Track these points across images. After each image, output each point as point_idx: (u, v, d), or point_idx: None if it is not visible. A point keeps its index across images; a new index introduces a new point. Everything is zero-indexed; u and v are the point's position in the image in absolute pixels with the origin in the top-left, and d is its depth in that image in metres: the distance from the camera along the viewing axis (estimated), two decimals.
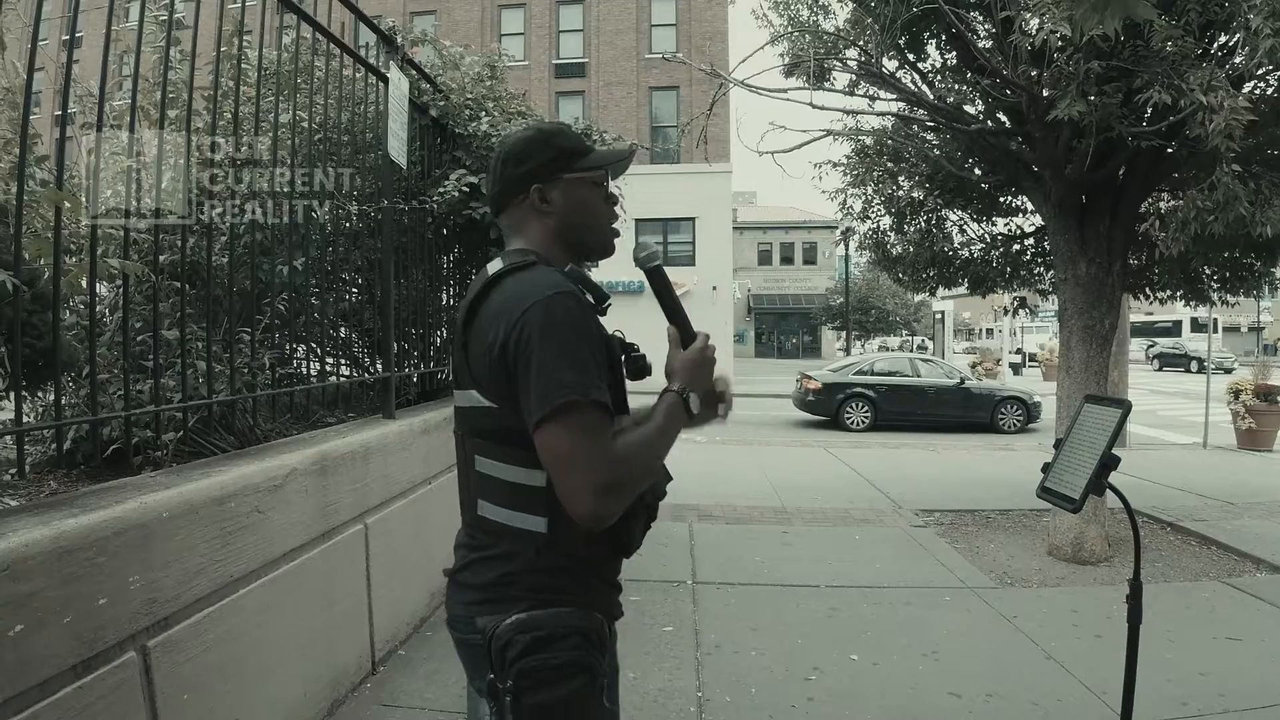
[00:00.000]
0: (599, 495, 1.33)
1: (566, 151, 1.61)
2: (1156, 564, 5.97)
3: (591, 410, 1.36)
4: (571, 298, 1.43)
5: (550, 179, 1.59)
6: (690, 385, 1.53)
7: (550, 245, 1.60)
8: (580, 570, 1.51)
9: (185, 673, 2.36)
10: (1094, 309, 5.97)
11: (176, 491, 2.39)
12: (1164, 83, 4.46)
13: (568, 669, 1.43)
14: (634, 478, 1.41)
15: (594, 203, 1.63)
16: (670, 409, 1.50)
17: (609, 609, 1.57)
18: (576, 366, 1.37)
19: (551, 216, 1.60)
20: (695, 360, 1.57)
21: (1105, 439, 2.51)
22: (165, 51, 2.90)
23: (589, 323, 1.44)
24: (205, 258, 3.22)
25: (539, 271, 1.49)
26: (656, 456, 1.47)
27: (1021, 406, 15.76)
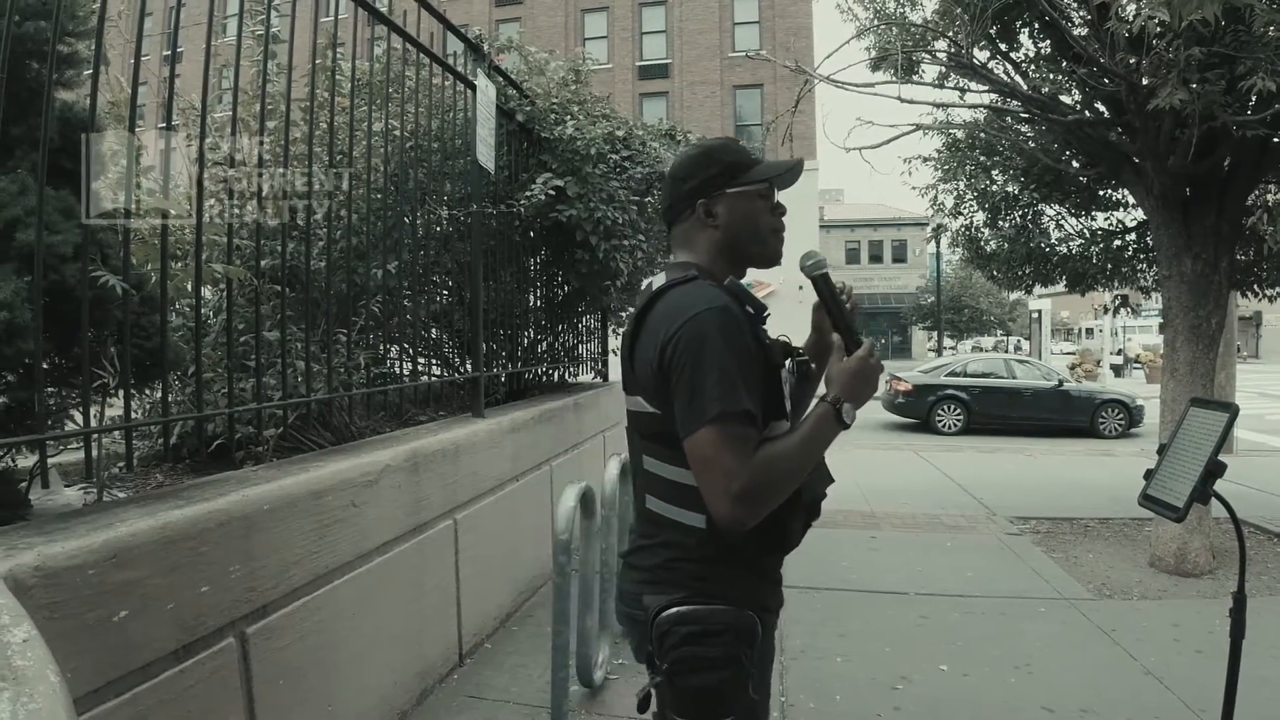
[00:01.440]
0: (735, 501, 1.43)
1: (730, 166, 1.68)
2: (1263, 576, 5.64)
3: (734, 421, 1.45)
4: (723, 313, 1.50)
5: (714, 194, 1.66)
6: (845, 396, 1.54)
7: (715, 257, 1.68)
8: (736, 565, 1.59)
9: (281, 659, 2.45)
10: (1200, 307, 5.68)
11: (276, 485, 2.49)
12: (1268, 69, 4.22)
13: (719, 662, 1.54)
14: (772, 486, 1.47)
15: (758, 214, 1.68)
16: (820, 419, 1.53)
17: (764, 603, 1.65)
18: (723, 379, 1.45)
19: (716, 230, 1.67)
20: (854, 370, 1.57)
21: (1211, 444, 2.39)
22: (263, 65, 3.02)
23: (739, 335, 1.50)
24: (304, 262, 3.35)
25: (697, 286, 1.57)
26: (800, 465, 1.50)
27: (1123, 410, 15.08)
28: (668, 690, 1.58)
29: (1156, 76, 4.67)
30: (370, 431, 3.69)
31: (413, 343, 4.46)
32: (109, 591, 1.84)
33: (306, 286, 3.38)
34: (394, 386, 4.01)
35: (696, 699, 1.57)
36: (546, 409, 5.11)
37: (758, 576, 1.64)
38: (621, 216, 5.33)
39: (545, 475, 5.00)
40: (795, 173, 1.73)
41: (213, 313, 3.44)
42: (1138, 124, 5.37)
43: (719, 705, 1.56)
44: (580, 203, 5.10)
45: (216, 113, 3.31)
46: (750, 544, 1.56)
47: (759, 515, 1.46)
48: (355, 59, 3.60)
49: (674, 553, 1.61)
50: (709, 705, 1.57)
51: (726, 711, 1.57)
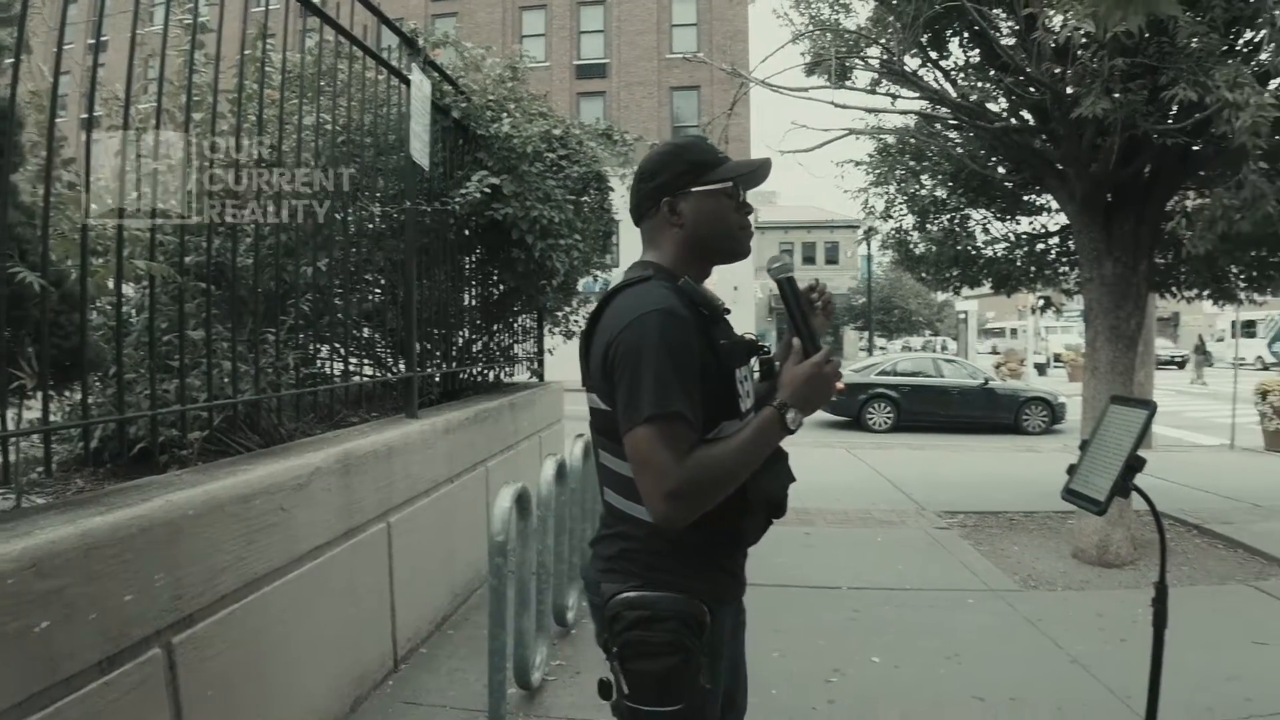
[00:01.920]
0: (667, 500, 1.48)
1: (696, 165, 1.70)
2: (1183, 567, 5.88)
3: (667, 422, 1.48)
4: (666, 315, 1.53)
5: (679, 192, 1.70)
6: (792, 400, 1.56)
7: (680, 255, 1.71)
8: (687, 556, 1.64)
9: (209, 669, 2.38)
10: (1120, 309, 5.90)
11: (202, 490, 2.42)
12: (1189, 80, 4.40)
13: (665, 648, 1.59)
14: (705, 486, 1.50)
15: (723, 212, 1.71)
16: (763, 423, 1.55)
17: (717, 594, 1.69)
18: (659, 380, 1.49)
19: (680, 229, 1.70)
20: (805, 376, 1.58)
21: (1131, 440, 2.48)
22: (190, 55, 2.93)
23: (680, 337, 1.53)
24: (230, 259, 3.25)
25: (648, 288, 1.62)
26: (736, 467, 1.53)
27: (1046, 407, 15.58)
28: (620, 675, 1.63)
29: (1081, 86, 4.83)
30: (300, 434, 3.61)
31: (344, 342, 4.37)
32: (30, 601, 1.77)
33: (233, 284, 3.28)
34: (325, 387, 3.93)
35: (645, 683, 1.61)
36: (482, 409, 5.06)
37: (710, 568, 1.68)
38: (558, 216, 5.31)
39: (481, 476, 4.96)
40: (763, 172, 1.76)
41: (135, 311, 3.33)
42: (1062, 132, 5.56)
43: (666, 692, 1.60)
44: (516, 201, 5.06)
45: (141, 104, 3.21)
46: (701, 540, 1.62)
47: (692, 514, 1.50)
48: (286, 50, 3.51)
49: (628, 543, 1.67)
50: (657, 690, 1.61)
51: (675, 698, 1.60)
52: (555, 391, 7.43)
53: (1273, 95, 4.33)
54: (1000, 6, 5.66)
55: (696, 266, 1.73)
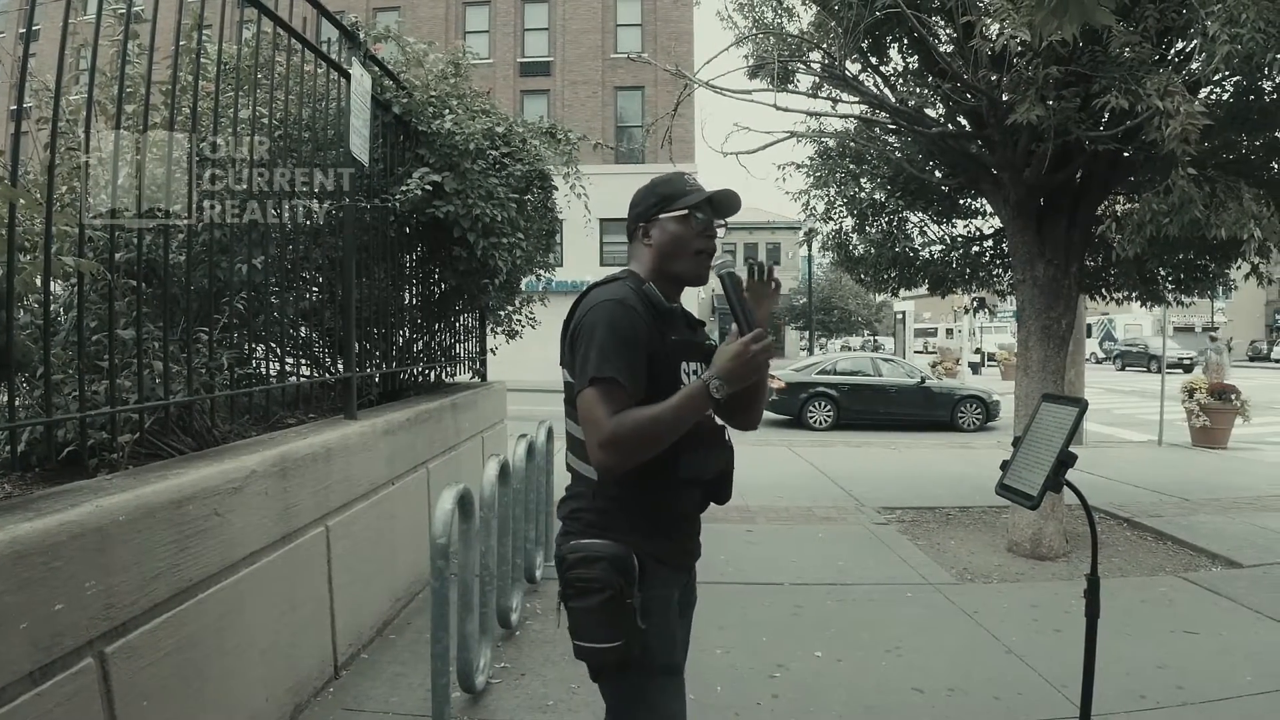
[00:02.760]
0: (601, 448, 1.76)
1: (664, 197, 2.01)
2: (1114, 559, 6.08)
3: (607, 385, 1.78)
4: (618, 304, 1.86)
5: (651, 218, 2.02)
6: (718, 372, 1.78)
7: (650, 270, 2.02)
8: (623, 512, 1.91)
9: (144, 679, 2.31)
10: (1051, 309, 6.07)
11: (133, 494, 2.35)
12: (1121, 88, 4.54)
13: (595, 584, 1.85)
14: (633, 439, 1.75)
15: (682, 237, 1.99)
16: (690, 390, 1.79)
17: (654, 551, 1.93)
18: (601, 352, 1.80)
19: (650, 248, 2.02)
20: (733, 351, 1.80)
21: (1062, 437, 2.55)
22: (123, 45, 2.83)
23: (626, 322, 1.84)
24: (162, 256, 3.15)
25: (614, 285, 1.94)
26: (663, 425, 1.76)
27: (981, 405, 15.98)
28: (564, 613, 1.92)
29: (1016, 93, 4.96)
30: (235, 436, 3.52)
31: (280, 342, 4.28)
32: None
33: (165, 281, 3.17)
34: (260, 388, 3.84)
35: (583, 620, 1.88)
36: (423, 410, 5.00)
37: (647, 526, 1.93)
38: (500, 214, 5.26)
39: (422, 478, 4.90)
40: (727, 200, 2.05)
41: (63, 310, 3.21)
42: (997, 137, 5.70)
43: (601, 626, 1.85)
44: (458, 199, 5.00)
45: (72, 95, 3.10)
46: (639, 501, 1.91)
47: (622, 462, 1.77)
48: (222, 42, 3.42)
49: (578, 502, 1.97)
50: (592, 625, 1.86)
51: (611, 635, 1.85)
52: (498, 392, 7.38)
53: (1202, 103, 4.50)
54: (939, 14, 5.79)
55: (664, 283, 2.01)
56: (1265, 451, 12.27)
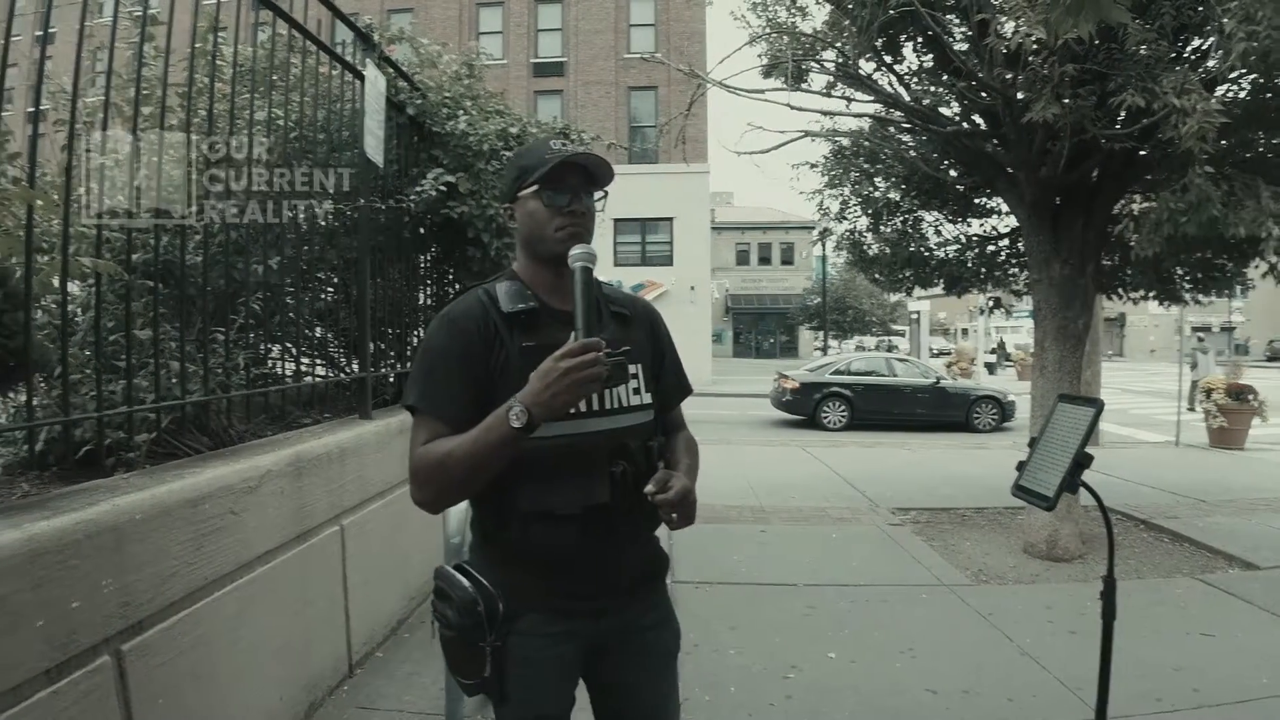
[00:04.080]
0: (410, 483, 1.62)
1: (522, 170, 1.73)
2: (1130, 561, 6.04)
3: (417, 414, 1.64)
4: (441, 319, 1.69)
5: (514, 198, 1.75)
6: (524, 397, 1.49)
7: (523, 257, 1.78)
8: (487, 545, 1.75)
9: (160, 677, 2.33)
10: (1068, 309, 6.03)
11: (149, 494, 2.37)
12: (1137, 86, 4.51)
13: (444, 620, 1.70)
14: (431, 475, 1.58)
15: (539, 214, 1.70)
16: (493, 417, 1.52)
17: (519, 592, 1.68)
18: (418, 378, 1.67)
19: (520, 231, 1.75)
20: (542, 369, 1.49)
21: (1079, 437, 2.53)
22: (139, 48, 2.86)
23: (439, 341, 1.66)
24: (179, 256, 3.18)
25: (462, 294, 1.76)
26: (459, 459, 1.53)
27: (996, 405, 15.89)
28: None
29: (1031, 91, 4.93)
30: (251, 435, 3.53)
31: (296, 342, 4.30)
32: None
33: (182, 282, 3.20)
34: (276, 388, 3.86)
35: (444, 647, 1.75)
36: None
37: (503, 565, 1.70)
38: None
39: None
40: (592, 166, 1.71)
41: (81, 310, 3.24)
42: (1012, 136, 5.66)
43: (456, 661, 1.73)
44: (472, 199, 5.02)
45: (89, 97, 3.12)
46: (501, 538, 1.69)
47: (425, 497, 1.61)
48: (237, 44, 3.44)
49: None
50: (451, 657, 1.74)
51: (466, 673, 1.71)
52: None
53: (1219, 101, 4.46)
54: (954, 12, 5.76)
55: (535, 267, 1.75)
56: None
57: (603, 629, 1.74)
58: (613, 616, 1.74)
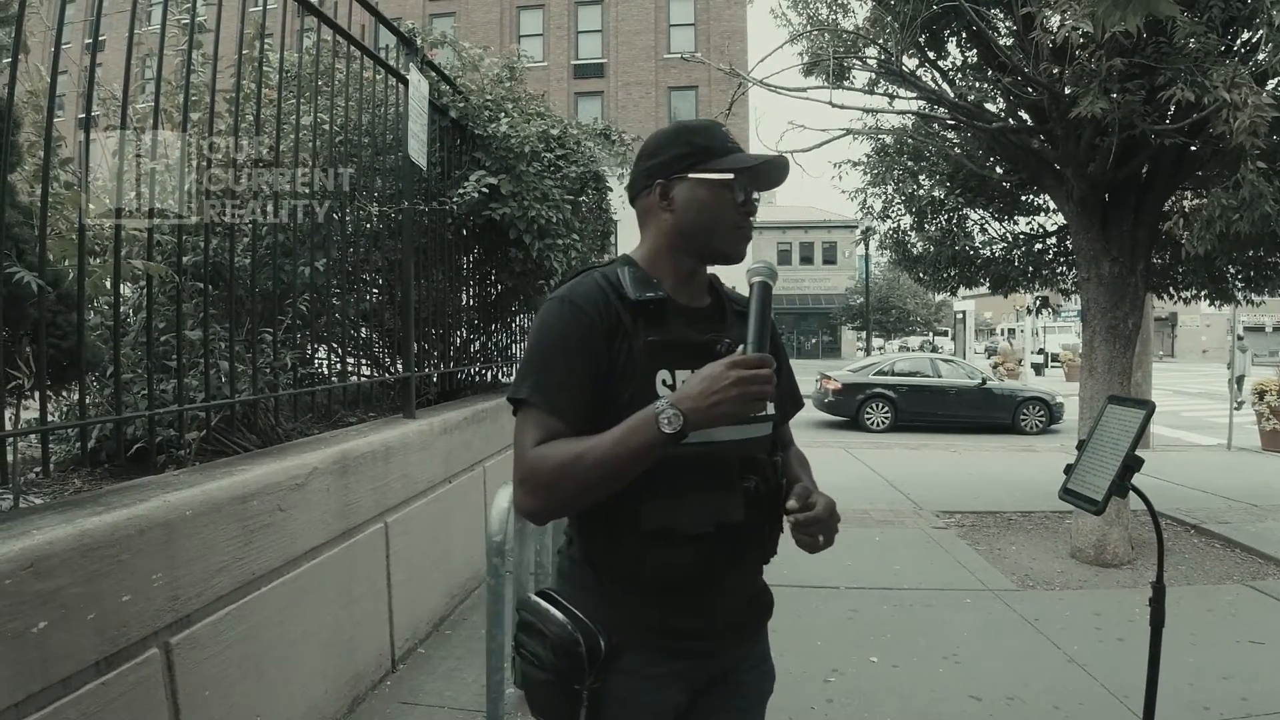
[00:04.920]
0: (519, 488, 1.39)
1: (700, 149, 1.51)
2: (1180, 566, 5.89)
3: (522, 408, 1.43)
4: (558, 303, 1.46)
5: (674, 176, 1.51)
6: (679, 399, 1.31)
7: (662, 245, 1.55)
8: (585, 576, 1.52)
9: (207, 669, 2.38)
10: (1117, 309, 5.90)
11: (199, 490, 2.42)
12: (1187, 80, 4.40)
13: (536, 659, 1.47)
14: (550, 479, 1.35)
15: (717, 206, 1.50)
16: (634, 420, 1.33)
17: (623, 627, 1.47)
18: (526, 366, 1.46)
19: (669, 215, 1.52)
20: (708, 374, 1.32)
21: (1128, 440, 2.48)
22: (187, 54, 2.92)
23: (561, 326, 1.44)
24: (228, 259, 3.25)
25: (578, 276, 1.53)
26: (593, 464, 1.33)
27: (1044, 407, 15.59)
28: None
29: (1078, 86, 4.83)
30: (298, 434, 3.60)
31: (342, 342, 4.37)
32: (27, 602, 1.77)
33: (231, 284, 3.27)
34: (322, 387, 3.92)
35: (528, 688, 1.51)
36: (479, 409, 5.05)
37: (608, 595, 1.49)
38: (555, 215, 5.31)
39: (478, 476, 4.95)
40: (774, 171, 1.57)
41: (132, 311, 3.32)
42: (1059, 132, 5.55)
43: (544, 705, 1.50)
44: (514, 201, 5.06)
45: (139, 103, 3.20)
46: (606, 562, 1.49)
47: (539, 506, 1.39)
48: (284, 50, 3.51)
49: (564, 544, 1.62)
50: (537, 700, 1.50)
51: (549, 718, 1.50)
52: None
53: (1270, 95, 4.33)
54: (998, 7, 5.67)
55: (678, 261, 1.55)
56: None
57: (710, 671, 1.55)
58: (721, 657, 1.56)
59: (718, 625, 1.52)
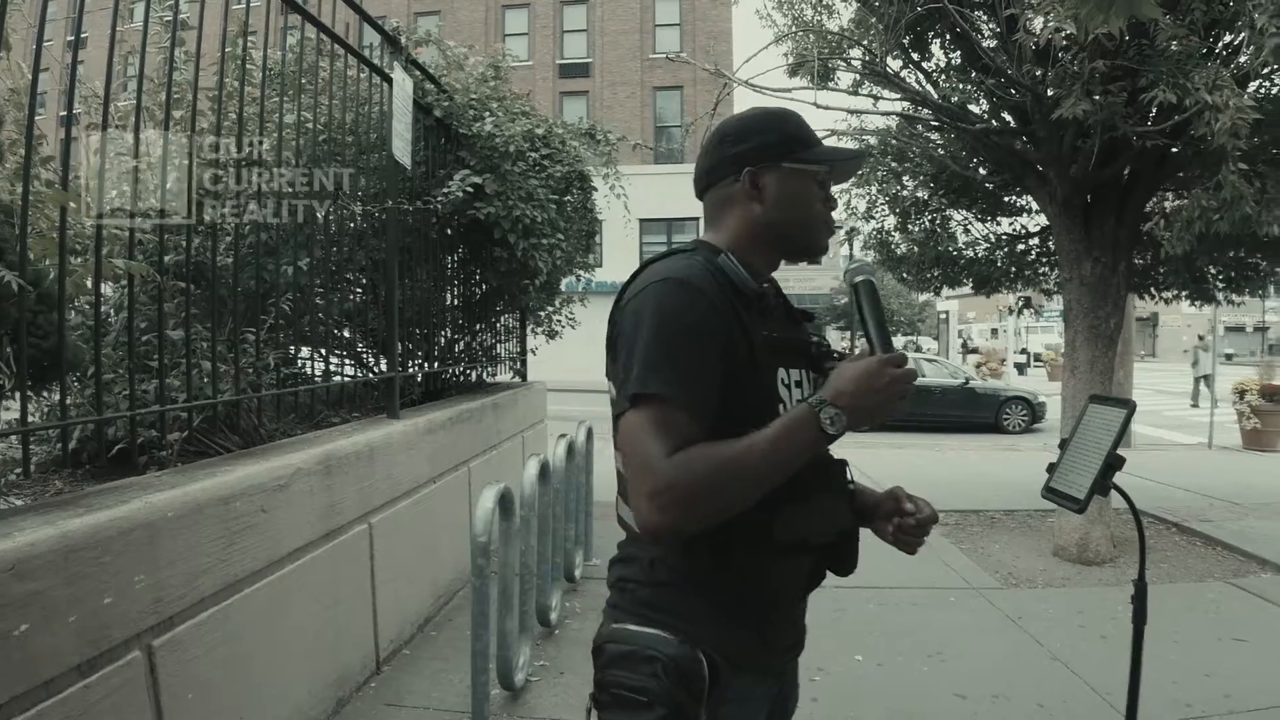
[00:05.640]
0: (651, 503, 1.20)
1: (792, 139, 1.43)
2: (1162, 565, 5.94)
3: (657, 406, 1.22)
4: (680, 286, 1.28)
5: (766, 164, 1.41)
6: (834, 397, 1.24)
7: (747, 236, 1.43)
8: (695, 593, 1.33)
9: (190, 672, 2.36)
10: (1099, 309, 5.95)
11: (181, 491, 2.40)
12: (1169, 82, 4.44)
13: (641, 694, 1.27)
14: (697, 492, 1.19)
15: (811, 199, 1.43)
16: (792, 421, 1.23)
17: (733, 652, 1.34)
18: (653, 356, 1.24)
19: (758, 205, 1.42)
20: (861, 371, 1.25)
21: (1110, 439, 2.49)
22: (170, 52, 2.90)
23: (692, 312, 1.26)
24: (210, 258, 3.22)
25: (677, 258, 1.36)
26: (748, 471, 1.21)
27: (1026, 407, 15.71)
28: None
29: (1061, 88, 4.87)
30: (281, 434, 3.58)
31: (325, 342, 4.35)
32: (9, 604, 1.75)
33: (213, 283, 3.25)
34: (305, 388, 3.90)
35: None
36: (464, 409, 5.04)
37: (722, 616, 1.34)
38: (540, 215, 5.29)
39: (463, 477, 4.94)
40: (855, 164, 1.57)
41: (114, 311, 3.29)
42: (1042, 133, 5.60)
43: None
44: (499, 200, 5.05)
45: (121, 101, 3.17)
46: (712, 577, 1.33)
47: (680, 524, 1.21)
48: (267, 48, 3.49)
49: (631, 568, 1.40)
50: None
51: None
52: (538, 391, 7.42)
53: (1252, 97, 4.38)
54: (982, 9, 5.71)
55: (764, 255, 1.45)
56: None
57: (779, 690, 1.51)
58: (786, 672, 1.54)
59: (796, 638, 1.50)
